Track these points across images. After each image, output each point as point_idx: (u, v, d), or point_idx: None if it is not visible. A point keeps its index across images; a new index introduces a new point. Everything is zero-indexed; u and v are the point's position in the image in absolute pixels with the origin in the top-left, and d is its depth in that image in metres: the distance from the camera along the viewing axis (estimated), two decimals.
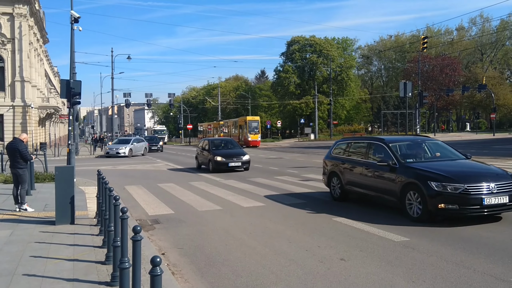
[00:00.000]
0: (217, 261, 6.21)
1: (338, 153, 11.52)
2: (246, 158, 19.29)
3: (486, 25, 77.33)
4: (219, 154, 19.29)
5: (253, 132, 49.56)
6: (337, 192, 11.09)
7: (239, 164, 19.06)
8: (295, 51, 71.97)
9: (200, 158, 21.49)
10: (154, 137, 50.39)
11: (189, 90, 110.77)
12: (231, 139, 23.42)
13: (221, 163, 18.95)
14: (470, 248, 6.40)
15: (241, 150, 20.54)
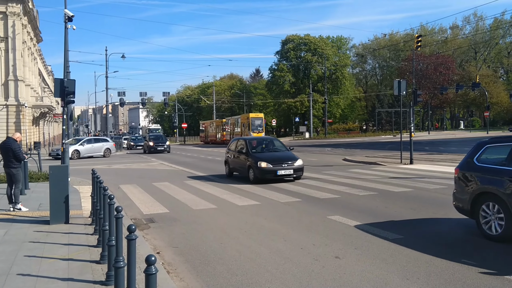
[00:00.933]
0: (212, 260, 6.21)
1: (494, 163, 7.02)
2: (299, 164, 14.70)
3: (480, 23, 77.80)
4: (264, 159, 14.64)
5: (256, 131, 46.48)
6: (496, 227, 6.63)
7: (290, 171, 14.43)
8: (290, 50, 71.99)
9: (232, 164, 16.71)
10: (159, 136, 42.55)
11: (184, 89, 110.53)
12: (273, 138, 18.79)
13: (267, 171, 14.35)
14: (464, 246, 6.45)
15: (290, 153, 15.74)
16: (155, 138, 39.94)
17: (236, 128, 51.84)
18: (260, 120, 47.61)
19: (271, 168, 14.32)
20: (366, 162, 21.07)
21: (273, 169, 14.33)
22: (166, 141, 39.68)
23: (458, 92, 66.24)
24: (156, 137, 41.28)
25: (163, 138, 41.09)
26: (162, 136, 43.07)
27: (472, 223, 7.80)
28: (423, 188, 12.33)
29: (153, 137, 40.97)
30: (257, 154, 15.22)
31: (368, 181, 14.21)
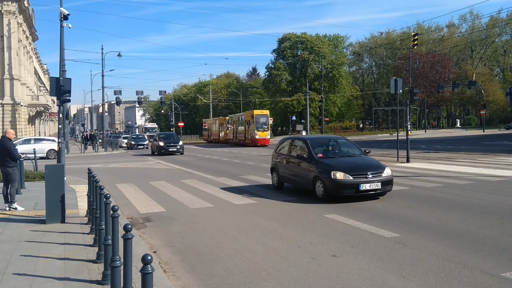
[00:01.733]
0: (209, 259, 6.20)
1: None
2: (387, 175, 10.39)
3: (476, 22, 77.95)
4: (338, 167, 10.36)
5: (261, 129, 42.42)
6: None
7: (378, 185, 10.09)
8: (287, 48, 71.99)
9: (284, 172, 12.47)
10: (171, 134, 37.18)
11: (180, 87, 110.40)
12: (339, 137, 14.24)
13: (344, 185, 10.04)
14: (460, 243, 6.46)
15: (371, 159, 11.51)
16: (166, 137, 34.48)
17: (239, 126, 48.26)
18: (265, 118, 43.55)
19: (350, 180, 10.00)
20: None
21: (354, 182, 9.99)
22: (179, 140, 34.12)
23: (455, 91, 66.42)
24: (167, 136, 35.92)
25: (175, 137, 35.55)
26: (174, 134, 37.66)
27: (469, 222, 7.81)
28: (420, 186, 12.35)
29: (164, 136, 35.62)
30: (326, 160, 10.96)
31: None
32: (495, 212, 8.54)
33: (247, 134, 44.29)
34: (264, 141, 42.09)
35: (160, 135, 36.08)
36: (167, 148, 32.23)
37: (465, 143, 34.39)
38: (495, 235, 6.93)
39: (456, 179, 13.44)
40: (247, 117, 45.19)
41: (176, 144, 32.78)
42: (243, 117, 46.90)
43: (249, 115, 44.62)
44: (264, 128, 42.73)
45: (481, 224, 7.66)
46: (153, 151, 34.44)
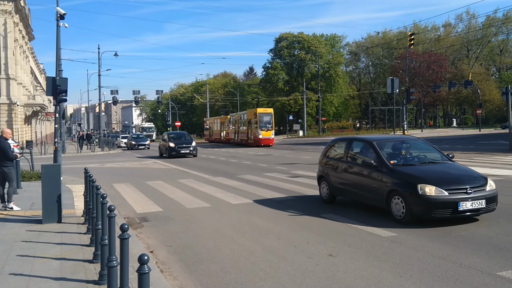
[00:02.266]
0: (206, 258, 6.20)
1: None
2: (491, 188, 7.90)
3: (473, 21, 78.22)
4: (426, 179, 7.81)
5: (264, 128, 40.10)
6: None
7: (482, 204, 7.53)
8: (284, 48, 72.04)
9: (339, 182, 9.77)
10: (182, 134, 32.46)
11: (177, 87, 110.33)
12: (414, 138, 10.77)
13: (438, 203, 7.43)
14: (456, 243, 6.48)
15: (469, 170, 8.87)
16: (177, 137, 30.26)
17: (241, 125, 45.51)
18: (269, 116, 40.98)
19: (445, 197, 7.44)
20: None
21: (450, 199, 7.43)
22: (191, 141, 29.78)
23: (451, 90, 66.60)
24: (178, 135, 31.62)
25: (187, 137, 31.14)
26: (185, 134, 32.57)
27: (463, 220, 7.83)
28: None
29: (174, 135, 31.24)
30: (405, 169, 8.35)
31: None
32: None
33: (250, 134, 41.88)
34: (268, 141, 39.95)
35: (170, 134, 31.68)
36: (179, 150, 27.98)
37: (461, 142, 34.47)
38: (491, 234, 6.95)
39: None
40: (250, 116, 42.62)
41: (188, 145, 28.52)
42: (245, 116, 44.29)
43: (252, 114, 42.10)
44: (268, 128, 40.37)
45: (477, 223, 7.69)
46: (161, 153, 30.20)
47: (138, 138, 46.19)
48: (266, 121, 40.53)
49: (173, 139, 29.43)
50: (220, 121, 55.29)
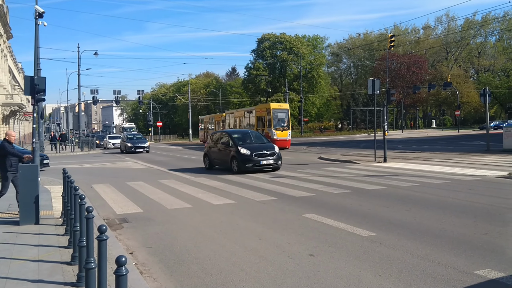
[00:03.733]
0: (187, 259, 6.16)
1: None
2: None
3: (452, 24, 79.57)
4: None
5: (279, 127, 34.22)
6: None
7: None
8: (266, 48, 72.11)
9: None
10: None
11: (159, 87, 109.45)
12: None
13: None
14: (435, 242, 6.57)
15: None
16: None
17: (246, 123, 39.68)
18: (285, 113, 35.15)
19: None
20: (341, 161, 21.28)
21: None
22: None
23: (430, 91, 67.65)
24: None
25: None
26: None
27: (443, 220, 7.96)
28: (396, 186, 12.53)
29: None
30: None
31: (342, 179, 14.36)
32: (469, 211, 8.73)
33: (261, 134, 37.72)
34: (284, 143, 33.51)
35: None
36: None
37: (440, 143, 35.05)
38: (468, 233, 7.07)
39: (431, 179, 13.67)
40: (260, 113, 36.61)
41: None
42: (253, 113, 38.10)
43: (263, 110, 36.20)
44: (283, 127, 34.45)
45: (455, 222, 7.82)
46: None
47: (136, 139, 37.87)
48: (281, 118, 34.72)
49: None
50: (215, 119, 50.45)
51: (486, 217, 8.20)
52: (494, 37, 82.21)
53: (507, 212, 8.58)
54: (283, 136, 33.89)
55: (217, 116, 50.96)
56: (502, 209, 8.93)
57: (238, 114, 42.55)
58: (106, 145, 46.09)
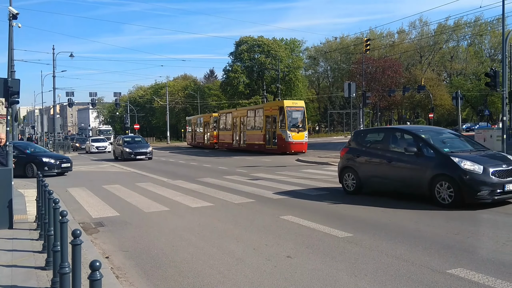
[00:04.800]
0: (163, 263, 6.13)
1: None
2: None
3: (425, 28, 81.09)
4: None
5: (295, 129, 29.06)
6: None
7: None
8: (244, 51, 72.17)
9: None
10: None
11: (136, 89, 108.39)
12: None
13: None
14: (409, 242, 6.70)
15: None
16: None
17: (251, 124, 34.18)
18: (301, 112, 30.39)
19: None
20: (318, 163, 21.46)
21: None
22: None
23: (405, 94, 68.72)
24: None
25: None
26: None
27: (418, 221, 8.13)
28: None
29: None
30: None
31: (320, 180, 14.49)
32: (441, 211, 8.91)
33: (269, 136, 30.74)
34: (301, 147, 29.10)
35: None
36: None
37: None
38: (441, 233, 7.24)
39: None
40: (270, 111, 31.23)
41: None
42: (260, 111, 32.76)
43: (274, 108, 30.86)
44: (299, 128, 29.49)
45: (429, 223, 7.98)
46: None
47: (135, 142, 30.53)
48: (297, 118, 29.98)
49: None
50: (204, 120, 45.49)
51: (458, 217, 8.40)
52: (466, 41, 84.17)
53: (478, 212, 8.79)
54: (299, 138, 29.01)
55: (206, 116, 46.55)
56: (474, 209, 9.16)
57: (238, 114, 36.98)
58: (89, 148, 43.08)
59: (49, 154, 21.53)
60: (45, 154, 20.46)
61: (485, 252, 6.14)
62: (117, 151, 30.84)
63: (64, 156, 22.43)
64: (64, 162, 19.86)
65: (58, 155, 23.73)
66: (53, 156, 20.91)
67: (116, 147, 31.57)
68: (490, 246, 6.46)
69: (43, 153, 20.59)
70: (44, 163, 18.84)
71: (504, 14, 15.98)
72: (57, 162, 19.45)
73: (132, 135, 42.50)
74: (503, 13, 15.93)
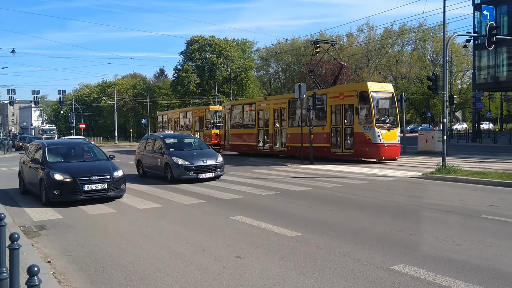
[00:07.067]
0: (109, 266, 5.94)
1: None
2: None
3: (372, 33, 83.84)
4: None
5: (383, 125, 19.99)
6: None
7: None
8: (195, 51, 71.64)
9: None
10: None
11: (82, 87, 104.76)
12: None
13: None
14: (355, 240, 6.87)
15: None
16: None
17: (293, 118, 24.49)
18: (390, 101, 20.79)
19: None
20: (269, 163, 21.61)
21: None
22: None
23: None
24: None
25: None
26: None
27: (364, 219, 8.35)
28: (321, 187, 12.95)
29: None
30: None
31: (271, 181, 14.59)
32: (386, 210, 9.23)
33: (341, 135, 20.88)
34: (395, 151, 20.34)
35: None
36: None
37: None
38: (386, 231, 7.48)
39: (353, 179, 14.29)
40: (342, 99, 20.86)
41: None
42: (323, 100, 21.70)
43: (351, 95, 20.47)
44: (390, 123, 20.53)
45: (375, 221, 8.23)
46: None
47: (188, 147, 16.76)
48: (387, 108, 21.08)
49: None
50: (194, 114, 35.02)
51: (402, 215, 8.72)
52: (410, 46, 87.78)
53: (420, 210, 9.18)
54: (391, 139, 19.92)
55: (197, 110, 35.78)
56: (416, 207, 9.55)
57: (268, 105, 26.22)
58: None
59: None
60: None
61: (426, 248, 6.40)
62: (149, 161, 16.96)
63: None
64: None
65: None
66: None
67: (145, 155, 17.37)
68: (430, 242, 6.73)
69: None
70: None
71: (445, 21, 16.81)
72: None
73: (172, 133, 26.99)
74: (443, 20, 16.74)
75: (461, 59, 75.04)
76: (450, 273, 5.28)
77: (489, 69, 40.37)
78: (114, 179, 11.22)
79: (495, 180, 12.80)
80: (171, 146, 16.18)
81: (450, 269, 5.42)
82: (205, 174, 14.92)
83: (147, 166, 17.27)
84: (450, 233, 7.18)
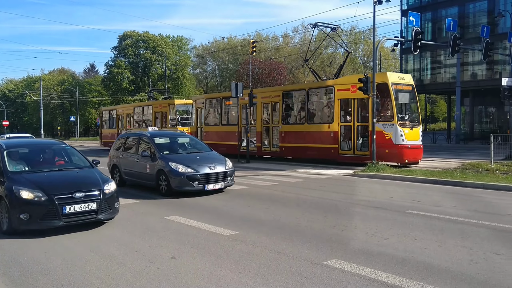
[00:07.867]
0: (35, 271, 5.60)
1: None
2: None
3: (307, 34, 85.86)
4: None
5: (406, 122, 17.36)
6: None
7: None
8: (128, 46, 69.60)
9: None
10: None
11: (6, 82, 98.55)
12: None
13: None
14: (291, 237, 6.98)
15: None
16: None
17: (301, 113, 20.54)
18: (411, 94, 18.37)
19: None
20: None
21: None
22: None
23: None
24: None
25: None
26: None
27: (298, 217, 8.51)
28: (258, 185, 13.06)
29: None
30: None
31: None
32: (320, 207, 9.48)
33: (354, 135, 17.91)
34: (417, 154, 17.59)
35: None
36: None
37: None
38: (319, 227, 7.67)
39: (289, 178, 14.55)
40: (351, 91, 17.80)
41: None
42: (331, 94, 19.00)
43: (352, 83, 17.78)
44: (412, 120, 18.00)
45: (309, 218, 8.42)
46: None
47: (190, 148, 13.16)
48: (408, 104, 18.55)
49: None
50: (155, 110, 31.73)
51: (334, 211, 8.99)
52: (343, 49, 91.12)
53: (352, 206, 9.52)
54: (414, 139, 17.31)
55: (158, 104, 32.16)
56: (348, 204, 9.89)
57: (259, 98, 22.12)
58: None
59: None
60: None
61: (357, 243, 6.63)
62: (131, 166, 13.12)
63: None
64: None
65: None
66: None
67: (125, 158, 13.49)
68: (361, 237, 6.99)
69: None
70: None
71: (375, 25, 17.50)
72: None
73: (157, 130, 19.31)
74: (373, 24, 17.43)
75: (389, 62, 78.90)
76: (378, 266, 5.51)
77: (415, 72, 42.73)
78: (106, 196, 8.00)
79: (419, 177, 13.59)
80: (163, 147, 12.28)
81: (379, 262, 5.66)
82: (213, 185, 11.34)
83: (128, 173, 13.08)
84: (379, 228, 7.50)
